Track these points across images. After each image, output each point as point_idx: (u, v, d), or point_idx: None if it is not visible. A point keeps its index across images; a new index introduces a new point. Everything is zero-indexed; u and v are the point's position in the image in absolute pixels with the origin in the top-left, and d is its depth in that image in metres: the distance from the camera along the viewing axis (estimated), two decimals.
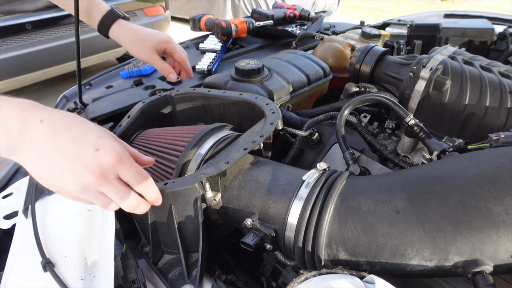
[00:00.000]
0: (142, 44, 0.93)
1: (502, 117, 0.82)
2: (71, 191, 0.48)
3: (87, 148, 0.47)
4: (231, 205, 0.67)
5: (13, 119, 0.45)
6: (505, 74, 0.87)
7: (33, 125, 0.45)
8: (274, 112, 0.78)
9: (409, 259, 0.51)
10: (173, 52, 0.98)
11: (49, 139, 0.45)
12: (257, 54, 1.52)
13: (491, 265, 0.48)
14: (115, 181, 0.49)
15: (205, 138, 0.72)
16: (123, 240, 0.71)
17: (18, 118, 0.45)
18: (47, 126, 0.46)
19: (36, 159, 0.46)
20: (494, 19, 1.71)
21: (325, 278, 0.51)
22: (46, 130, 0.46)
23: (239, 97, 0.87)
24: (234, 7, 5.61)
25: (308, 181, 0.61)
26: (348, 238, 0.55)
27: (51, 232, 0.58)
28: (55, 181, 0.47)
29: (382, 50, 1.06)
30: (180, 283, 0.64)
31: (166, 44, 0.97)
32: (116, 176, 0.50)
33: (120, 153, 0.49)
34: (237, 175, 0.69)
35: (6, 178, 0.85)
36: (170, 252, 0.70)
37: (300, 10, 1.74)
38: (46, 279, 0.51)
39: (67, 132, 0.46)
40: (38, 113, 0.46)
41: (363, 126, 0.92)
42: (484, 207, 0.49)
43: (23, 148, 0.45)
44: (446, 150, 0.73)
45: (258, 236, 0.62)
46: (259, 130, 0.73)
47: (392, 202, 0.54)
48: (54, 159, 0.46)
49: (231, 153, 0.67)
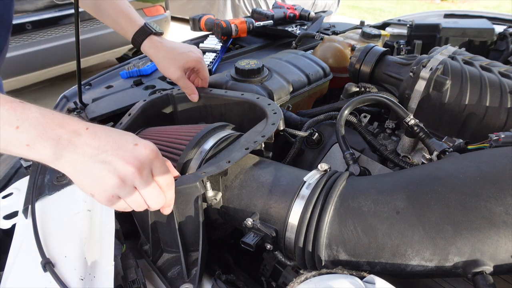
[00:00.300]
0: (171, 63, 0.94)
1: (502, 117, 0.82)
2: (109, 186, 0.52)
3: (127, 144, 0.53)
4: (232, 204, 0.67)
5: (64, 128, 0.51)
6: (505, 74, 0.87)
7: (81, 133, 0.52)
8: (276, 113, 0.78)
9: (409, 260, 0.51)
10: (200, 70, 0.98)
11: (93, 141, 0.52)
12: (257, 54, 1.52)
13: (491, 265, 0.48)
14: (149, 176, 0.54)
15: (206, 137, 0.72)
16: (123, 240, 0.71)
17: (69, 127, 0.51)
18: (91, 131, 0.52)
19: (78, 160, 0.51)
20: (494, 19, 1.71)
21: (325, 278, 0.51)
22: (91, 135, 0.52)
23: (241, 97, 0.87)
24: (234, 7, 5.61)
25: (309, 182, 0.61)
26: (348, 239, 0.55)
27: (51, 232, 0.58)
28: (93, 181, 0.52)
29: (382, 50, 1.06)
30: (180, 282, 0.64)
31: (196, 64, 0.97)
32: (151, 170, 0.54)
33: (156, 149, 0.55)
34: (238, 175, 0.69)
35: (6, 178, 0.85)
36: (169, 251, 0.70)
37: (300, 10, 1.74)
38: (46, 279, 0.51)
39: (107, 135, 0.53)
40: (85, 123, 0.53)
41: (363, 126, 0.92)
42: (484, 207, 0.49)
43: (69, 153, 0.51)
44: (446, 150, 0.73)
45: (259, 236, 0.62)
46: (260, 130, 0.73)
47: (392, 202, 0.54)
48: (96, 157, 0.51)
49: (233, 152, 0.67)
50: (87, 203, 0.64)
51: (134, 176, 0.52)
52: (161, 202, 0.57)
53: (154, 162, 0.55)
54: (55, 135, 0.50)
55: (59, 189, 0.65)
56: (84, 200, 0.64)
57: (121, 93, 1.14)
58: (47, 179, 0.68)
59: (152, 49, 0.95)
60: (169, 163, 0.61)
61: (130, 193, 0.54)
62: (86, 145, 0.51)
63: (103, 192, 0.52)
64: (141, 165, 0.52)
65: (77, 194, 0.65)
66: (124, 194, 0.53)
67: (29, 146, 0.50)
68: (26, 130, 0.49)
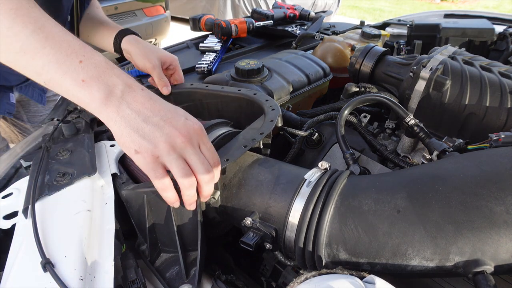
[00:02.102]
0: (148, 53, 0.96)
1: (502, 117, 0.82)
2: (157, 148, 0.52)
3: (179, 116, 0.55)
4: (230, 203, 0.67)
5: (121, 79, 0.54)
6: (505, 74, 0.87)
7: (135, 90, 0.54)
8: (273, 109, 0.77)
9: (410, 259, 0.51)
10: (176, 70, 1.01)
11: (148, 102, 0.54)
12: (257, 54, 1.52)
13: (492, 265, 0.48)
14: (197, 148, 0.56)
15: None
16: (123, 240, 0.71)
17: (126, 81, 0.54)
18: (146, 93, 0.55)
19: (131, 116, 0.52)
20: (494, 19, 1.71)
21: (325, 278, 0.51)
22: (146, 96, 0.54)
23: (238, 93, 0.86)
24: (234, 7, 5.61)
25: (310, 180, 0.61)
26: (349, 238, 0.55)
27: (51, 232, 0.58)
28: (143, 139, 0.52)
29: (382, 50, 1.06)
30: (178, 282, 0.64)
31: (173, 61, 0.99)
32: (198, 145, 0.56)
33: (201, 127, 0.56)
34: (237, 173, 0.68)
35: (6, 178, 0.85)
36: (167, 250, 0.70)
37: (300, 10, 1.74)
38: (46, 279, 0.51)
39: (162, 103, 0.55)
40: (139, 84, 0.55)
41: (363, 126, 0.92)
42: (485, 207, 0.49)
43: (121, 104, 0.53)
44: (446, 150, 0.73)
45: (258, 235, 0.61)
46: (259, 127, 0.73)
47: (393, 201, 0.54)
48: (149, 119, 0.53)
49: (231, 150, 0.66)
50: (87, 203, 0.64)
51: (183, 145, 0.53)
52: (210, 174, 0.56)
53: (203, 138, 0.56)
54: (111, 82, 0.53)
55: (59, 189, 0.65)
56: (84, 200, 0.64)
57: None
58: (47, 179, 0.68)
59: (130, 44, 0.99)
60: None
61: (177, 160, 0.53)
62: (141, 104, 0.53)
63: (151, 150, 0.52)
64: (190, 137, 0.54)
65: (77, 194, 0.65)
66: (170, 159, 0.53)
67: (84, 82, 0.52)
68: (87, 66, 0.52)
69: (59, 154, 0.72)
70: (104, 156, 0.75)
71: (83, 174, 0.66)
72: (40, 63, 0.52)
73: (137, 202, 0.65)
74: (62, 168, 0.69)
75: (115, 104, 0.52)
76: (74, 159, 0.70)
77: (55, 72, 0.52)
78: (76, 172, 0.68)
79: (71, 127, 0.80)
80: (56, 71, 0.52)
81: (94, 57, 0.54)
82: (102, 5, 1.17)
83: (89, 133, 0.80)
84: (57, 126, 0.82)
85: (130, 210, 0.68)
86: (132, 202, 0.66)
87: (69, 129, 0.80)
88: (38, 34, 0.52)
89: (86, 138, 0.77)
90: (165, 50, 1.29)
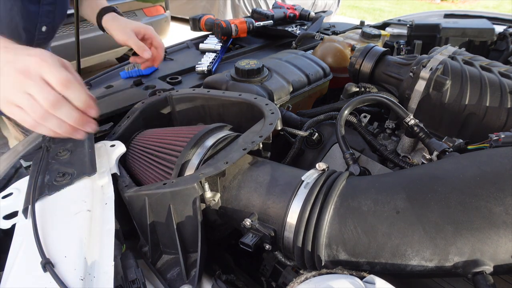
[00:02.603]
0: (123, 27, 1.03)
1: (502, 117, 0.82)
2: (4, 94, 0.58)
3: (22, 55, 0.58)
4: (230, 205, 0.67)
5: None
6: (505, 74, 0.87)
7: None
8: (273, 113, 0.77)
9: (409, 259, 0.51)
10: (153, 37, 1.08)
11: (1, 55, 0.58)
12: (257, 54, 1.52)
13: (491, 265, 0.48)
14: (39, 80, 0.58)
15: (204, 138, 0.72)
16: (123, 240, 0.71)
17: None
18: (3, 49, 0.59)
19: None
20: (494, 19, 1.71)
21: (325, 278, 0.51)
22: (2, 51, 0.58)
23: (238, 98, 0.87)
24: (234, 7, 5.61)
25: (307, 181, 0.61)
26: (348, 238, 0.55)
27: (51, 232, 0.58)
28: None
29: (382, 50, 1.06)
30: (179, 283, 0.64)
31: (146, 30, 1.07)
32: (40, 77, 0.58)
33: (45, 57, 0.58)
34: (236, 175, 0.69)
35: (6, 178, 0.85)
36: (168, 252, 0.70)
37: (300, 10, 1.74)
38: (46, 279, 0.51)
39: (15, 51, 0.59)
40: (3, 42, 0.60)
41: (363, 126, 0.92)
42: (484, 207, 0.49)
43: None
44: (446, 150, 0.73)
45: (257, 236, 0.61)
46: (258, 131, 0.73)
47: (392, 202, 0.54)
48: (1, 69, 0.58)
49: (231, 153, 0.67)
50: (87, 203, 0.64)
51: (22, 82, 0.57)
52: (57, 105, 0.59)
53: (42, 69, 0.58)
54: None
55: (59, 189, 0.65)
56: (84, 200, 0.64)
57: (121, 93, 1.13)
58: (47, 179, 0.68)
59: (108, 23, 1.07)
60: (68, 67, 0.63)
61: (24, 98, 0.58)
62: None
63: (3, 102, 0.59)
64: (27, 71, 0.57)
65: (77, 194, 0.65)
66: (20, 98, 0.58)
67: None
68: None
69: (59, 154, 0.72)
70: (104, 156, 0.75)
71: (83, 174, 0.66)
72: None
73: (138, 204, 0.66)
74: (62, 168, 0.69)
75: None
76: (74, 159, 0.71)
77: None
78: (76, 172, 0.68)
79: None
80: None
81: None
82: None
83: None
84: None
85: (132, 212, 0.68)
86: (134, 204, 0.67)
87: None
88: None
89: (86, 138, 0.77)
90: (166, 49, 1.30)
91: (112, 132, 0.87)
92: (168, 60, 1.39)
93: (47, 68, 0.58)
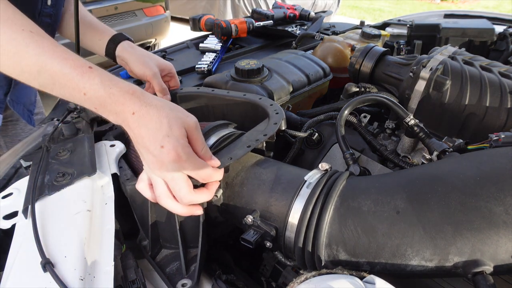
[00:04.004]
0: (147, 61, 0.95)
1: (502, 117, 0.82)
2: (148, 167, 0.60)
3: (156, 144, 0.57)
4: (233, 201, 0.67)
5: (118, 105, 0.57)
6: (505, 74, 0.87)
7: (128, 116, 0.57)
8: (278, 113, 0.78)
9: (409, 260, 0.51)
10: (173, 77, 1.01)
11: (136, 129, 0.57)
12: (257, 54, 1.52)
13: (492, 265, 0.48)
14: (174, 172, 0.58)
15: (208, 134, 0.72)
16: (123, 240, 0.71)
17: (121, 107, 0.57)
18: (136, 118, 0.57)
19: (132, 138, 0.59)
20: (494, 19, 1.71)
21: (325, 278, 0.51)
22: (135, 122, 0.57)
23: (243, 98, 0.87)
24: (234, 7, 5.61)
25: (309, 181, 0.61)
26: (348, 239, 0.55)
27: (51, 232, 0.58)
28: (141, 156, 0.60)
29: (382, 50, 1.06)
30: (178, 278, 0.64)
31: (170, 68, 1.00)
32: (177, 169, 0.58)
33: (179, 151, 0.57)
34: (240, 172, 0.69)
35: (6, 178, 0.85)
36: (168, 247, 0.71)
37: (300, 10, 1.74)
38: (46, 279, 0.51)
39: (146, 128, 0.57)
40: (134, 104, 0.57)
41: (363, 126, 0.92)
42: (484, 207, 0.49)
43: (126, 127, 0.59)
44: (446, 150, 0.73)
45: (259, 233, 0.62)
46: (262, 129, 0.73)
47: (392, 202, 0.54)
48: (139, 143, 0.58)
49: (234, 150, 0.67)
50: (87, 203, 0.64)
51: (160, 172, 0.58)
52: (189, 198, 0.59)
53: (178, 164, 0.57)
54: (113, 109, 0.57)
55: (59, 189, 0.65)
56: (84, 200, 0.64)
57: None
58: (47, 179, 0.68)
59: (126, 52, 0.98)
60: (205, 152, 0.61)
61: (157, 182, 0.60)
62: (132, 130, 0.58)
63: None
64: (165, 167, 0.57)
65: (77, 194, 0.65)
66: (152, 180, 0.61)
67: (97, 109, 0.58)
68: (91, 99, 0.57)
69: (59, 154, 0.72)
70: (104, 156, 0.75)
71: (83, 174, 0.66)
72: None
73: (140, 197, 0.66)
74: (62, 168, 0.69)
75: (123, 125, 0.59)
76: (74, 159, 0.71)
77: None
78: (76, 172, 0.68)
79: (71, 127, 0.80)
80: None
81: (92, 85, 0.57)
82: (102, 5, 1.16)
83: (89, 133, 0.81)
84: (57, 126, 0.82)
85: (134, 205, 0.69)
86: (135, 197, 0.67)
87: (69, 129, 0.80)
88: None
89: (86, 138, 0.77)
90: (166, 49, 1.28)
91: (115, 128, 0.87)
92: (168, 60, 1.39)
93: (183, 164, 0.57)
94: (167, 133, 0.56)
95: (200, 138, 0.61)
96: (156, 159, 0.57)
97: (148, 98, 0.59)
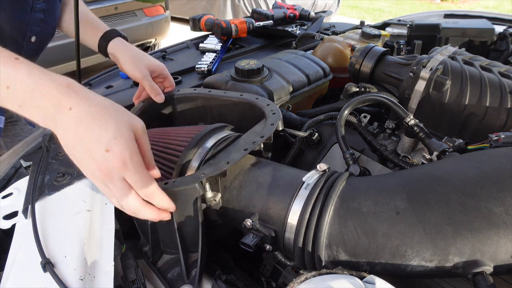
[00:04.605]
0: (137, 62, 0.93)
1: (502, 117, 0.82)
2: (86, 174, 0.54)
3: (99, 146, 0.50)
4: (231, 205, 0.67)
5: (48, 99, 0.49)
6: (505, 74, 0.87)
7: (63, 111, 0.49)
8: (274, 113, 0.78)
9: (409, 260, 0.51)
10: (167, 78, 0.98)
11: (73, 128, 0.50)
12: (257, 54, 1.52)
13: (492, 265, 0.48)
14: (118, 181, 0.52)
15: (205, 138, 0.72)
16: (123, 240, 0.71)
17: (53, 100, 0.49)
18: (73, 115, 0.49)
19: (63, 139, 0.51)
20: (494, 19, 1.71)
21: (325, 278, 0.51)
22: (72, 119, 0.49)
23: (240, 98, 0.87)
24: (234, 7, 5.61)
25: (308, 182, 0.61)
26: (348, 239, 0.55)
27: (51, 232, 0.58)
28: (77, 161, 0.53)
29: (382, 50, 1.06)
30: (179, 283, 0.64)
31: (162, 69, 0.96)
32: (121, 177, 0.52)
33: (126, 159, 0.51)
34: (237, 176, 0.69)
35: (6, 178, 0.85)
36: (169, 252, 0.70)
37: (300, 10, 1.74)
38: (46, 279, 0.51)
39: (87, 127, 0.50)
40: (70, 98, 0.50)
41: (363, 126, 0.92)
42: (484, 208, 0.49)
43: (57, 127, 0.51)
44: (446, 150, 0.73)
45: (258, 236, 0.61)
46: (259, 131, 0.73)
47: (392, 202, 0.54)
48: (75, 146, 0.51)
49: (232, 153, 0.67)
50: (87, 203, 0.64)
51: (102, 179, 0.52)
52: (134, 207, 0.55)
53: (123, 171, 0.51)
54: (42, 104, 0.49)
55: (59, 189, 0.65)
56: (84, 200, 0.64)
57: (121, 93, 1.14)
58: (47, 179, 0.68)
59: (117, 50, 0.95)
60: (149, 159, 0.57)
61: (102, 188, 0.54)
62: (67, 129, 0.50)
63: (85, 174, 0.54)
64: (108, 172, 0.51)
65: (77, 194, 0.65)
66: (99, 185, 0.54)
67: (21, 107, 0.50)
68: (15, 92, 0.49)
69: (59, 154, 0.72)
70: None
71: (83, 174, 0.66)
72: None
73: None
74: (62, 168, 0.69)
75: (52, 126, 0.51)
76: None
77: None
78: (76, 172, 0.68)
79: None
80: None
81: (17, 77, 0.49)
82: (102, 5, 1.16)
83: None
84: None
85: None
86: None
87: None
88: None
89: None
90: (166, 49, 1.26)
91: None
92: (168, 60, 1.39)
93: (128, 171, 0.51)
94: (114, 135, 0.50)
95: (147, 144, 0.56)
96: (98, 165, 0.50)
97: (89, 93, 0.52)
